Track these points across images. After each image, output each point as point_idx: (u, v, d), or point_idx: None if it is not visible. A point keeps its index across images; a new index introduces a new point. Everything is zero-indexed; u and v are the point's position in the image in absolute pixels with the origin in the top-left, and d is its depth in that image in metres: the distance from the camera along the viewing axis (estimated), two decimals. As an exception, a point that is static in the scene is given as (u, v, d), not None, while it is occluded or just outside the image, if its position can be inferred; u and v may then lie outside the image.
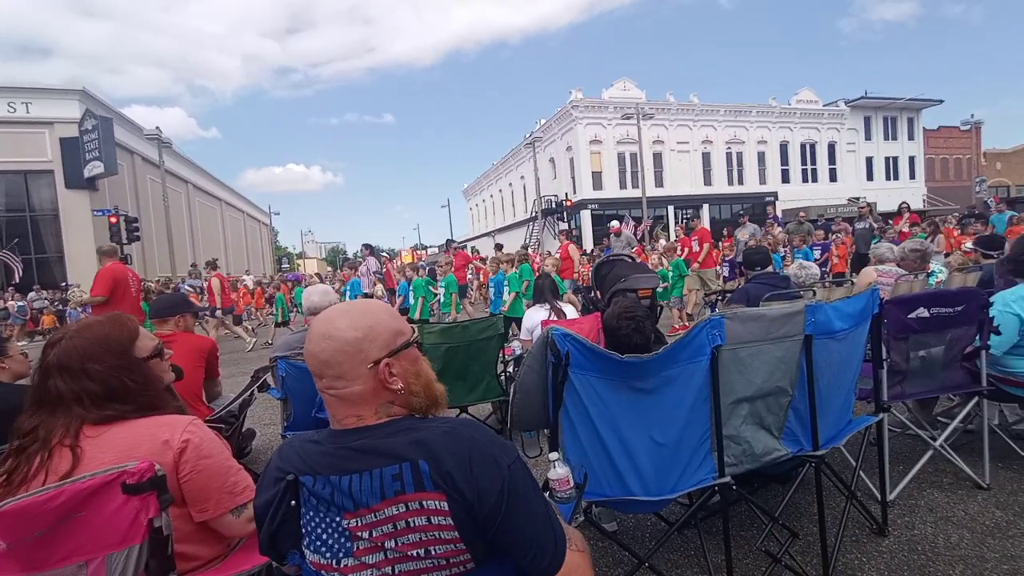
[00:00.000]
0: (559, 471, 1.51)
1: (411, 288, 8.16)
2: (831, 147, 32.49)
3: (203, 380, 2.75)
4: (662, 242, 10.58)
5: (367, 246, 11.57)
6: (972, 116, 30.63)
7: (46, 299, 16.11)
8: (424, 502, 0.89)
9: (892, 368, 2.42)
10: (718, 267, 9.53)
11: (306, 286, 11.01)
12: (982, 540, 2.05)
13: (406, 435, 0.93)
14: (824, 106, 32.42)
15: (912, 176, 34.17)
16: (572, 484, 1.54)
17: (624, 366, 1.75)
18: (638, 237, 17.34)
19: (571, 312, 3.89)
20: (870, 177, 33.17)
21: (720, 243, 11.82)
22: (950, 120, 34.37)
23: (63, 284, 17.22)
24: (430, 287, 8.32)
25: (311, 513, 0.94)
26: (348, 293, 8.34)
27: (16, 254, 16.72)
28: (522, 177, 34.61)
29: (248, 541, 1.31)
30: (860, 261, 9.50)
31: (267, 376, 2.91)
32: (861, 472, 2.27)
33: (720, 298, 4.91)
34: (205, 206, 32.46)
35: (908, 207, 11.28)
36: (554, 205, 28.42)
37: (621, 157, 28.57)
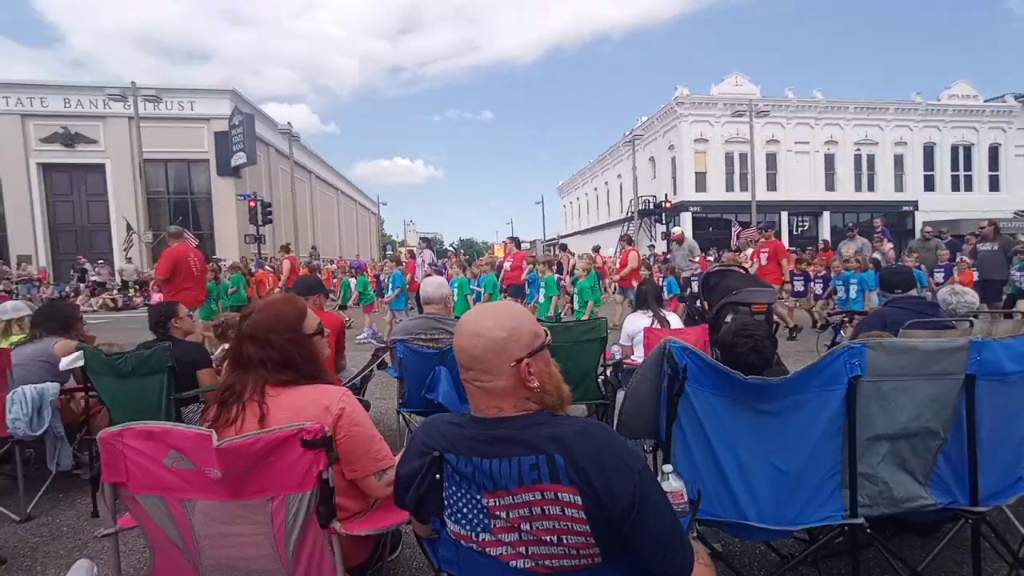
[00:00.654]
0: (673, 484, 1.49)
1: (456, 285, 8.10)
2: (993, 150, 27.69)
3: (334, 355, 3.08)
4: (749, 251, 9.55)
5: (424, 239, 11.88)
6: None
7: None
8: (559, 493, 0.95)
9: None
10: (784, 285, 8.40)
11: (373, 274, 10.91)
12: None
13: (542, 429, 1.00)
14: (985, 102, 27.66)
15: (1108, 188, 27.99)
16: (686, 499, 1.51)
17: (748, 387, 1.68)
18: (740, 244, 16.16)
19: (675, 321, 3.76)
20: (1047, 186, 27.77)
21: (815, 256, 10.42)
22: None
23: (213, 257, 20.11)
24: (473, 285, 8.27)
25: (453, 488, 1.04)
26: (391, 284, 8.42)
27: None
28: (619, 176, 33.82)
29: (384, 502, 1.47)
30: (984, 289, 7.92)
31: (385, 356, 3.19)
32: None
33: (847, 320, 4.44)
34: (324, 195, 35.88)
35: None
36: (652, 206, 27.43)
37: (729, 157, 26.77)
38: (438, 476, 1.05)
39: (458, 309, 7.79)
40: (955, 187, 27.64)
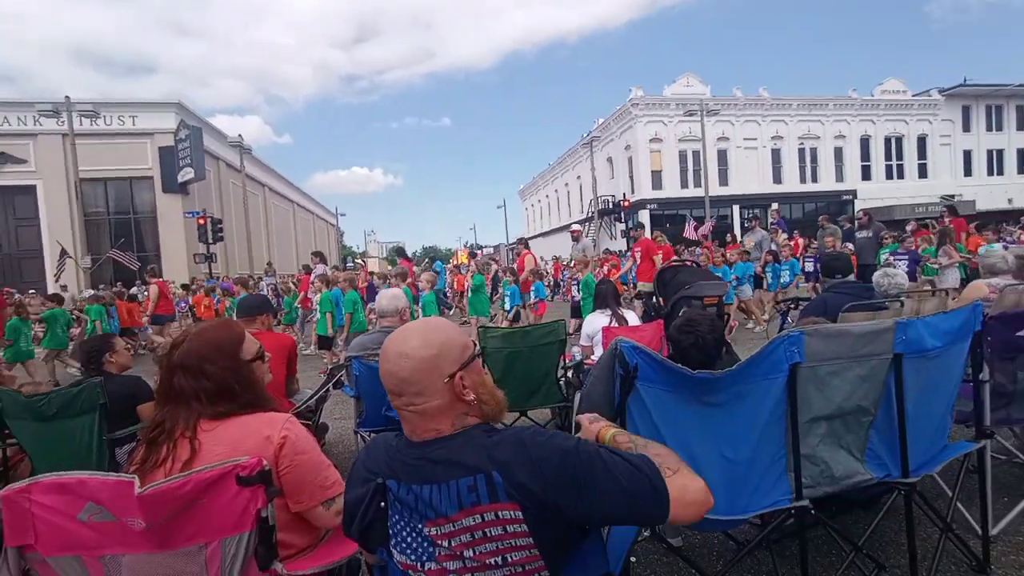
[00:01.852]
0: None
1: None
2: (921, 140, 29.65)
3: (285, 377, 2.96)
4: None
5: (317, 254, 10.87)
6: (1098, 101, 26.92)
7: (147, 293, 17.86)
8: (499, 512, 0.93)
9: (996, 390, 2.20)
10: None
11: (238, 295, 9.51)
12: (1107, 589, 1.82)
13: (478, 446, 0.97)
14: (914, 96, 29.64)
15: (1021, 170, 30.46)
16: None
17: (694, 381, 1.72)
18: (701, 236, 16.66)
19: (633, 319, 3.83)
20: (968, 172, 29.95)
21: (722, 249, 10.68)
22: (1070, 106, 30.23)
23: (172, 281, 19.14)
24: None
25: (396, 516, 1.01)
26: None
27: (124, 251, 18.76)
28: (579, 177, 34.30)
29: (335, 533, 1.42)
30: (863, 273, 8.44)
31: (342, 374, 3.10)
32: (958, 503, 2.09)
33: (793, 306, 4.64)
34: (280, 208, 34.78)
35: (916, 224, 9.68)
36: (611, 205, 27.96)
37: (683, 155, 27.61)
38: (383, 504, 1.01)
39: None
40: (889, 176, 29.44)
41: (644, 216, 26.94)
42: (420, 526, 0.97)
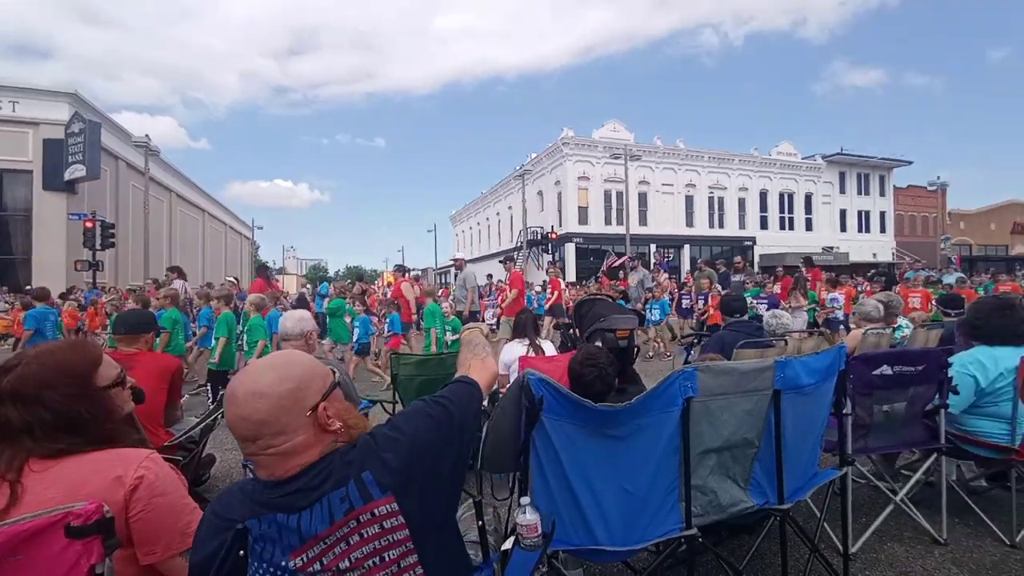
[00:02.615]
0: (529, 517, 1.49)
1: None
2: (808, 198, 33.84)
3: (165, 403, 2.65)
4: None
5: (174, 269, 9.51)
6: (938, 178, 32.52)
7: (7, 302, 15.45)
8: (375, 510, 0.91)
9: (856, 422, 2.48)
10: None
11: (32, 307, 7.85)
12: (940, 599, 2.06)
13: (343, 460, 0.95)
14: (802, 159, 33.93)
15: (883, 230, 35.71)
16: (540, 532, 1.51)
17: (597, 414, 1.76)
18: (607, 268, 17.55)
19: (550, 349, 3.90)
20: (843, 228, 34.53)
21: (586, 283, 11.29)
22: (918, 180, 36.24)
23: (27, 288, 16.61)
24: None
25: (256, 563, 0.92)
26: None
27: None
28: (510, 207, 35.06)
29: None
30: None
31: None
32: (825, 524, 2.29)
33: (696, 341, 4.98)
34: (187, 216, 31.95)
35: (783, 270, 11.08)
36: (540, 236, 28.79)
37: (607, 194, 29.26)
38: (242, 552, 0.90)
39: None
40: (782, 227, 33.21)
41: (570, 249, 28.00)
42: (283, 563, 0.89)
